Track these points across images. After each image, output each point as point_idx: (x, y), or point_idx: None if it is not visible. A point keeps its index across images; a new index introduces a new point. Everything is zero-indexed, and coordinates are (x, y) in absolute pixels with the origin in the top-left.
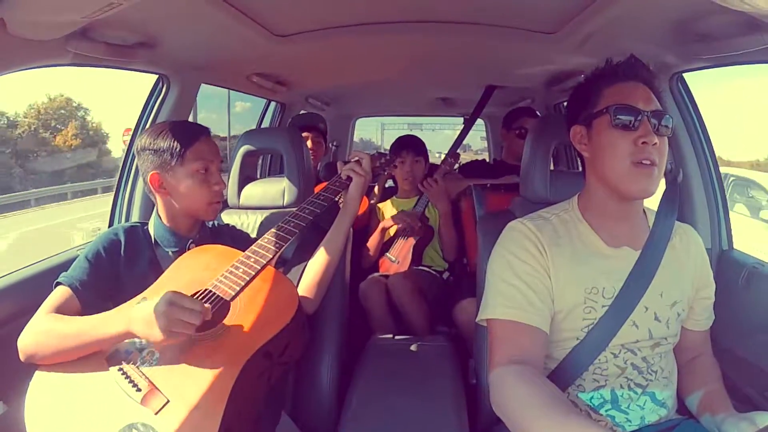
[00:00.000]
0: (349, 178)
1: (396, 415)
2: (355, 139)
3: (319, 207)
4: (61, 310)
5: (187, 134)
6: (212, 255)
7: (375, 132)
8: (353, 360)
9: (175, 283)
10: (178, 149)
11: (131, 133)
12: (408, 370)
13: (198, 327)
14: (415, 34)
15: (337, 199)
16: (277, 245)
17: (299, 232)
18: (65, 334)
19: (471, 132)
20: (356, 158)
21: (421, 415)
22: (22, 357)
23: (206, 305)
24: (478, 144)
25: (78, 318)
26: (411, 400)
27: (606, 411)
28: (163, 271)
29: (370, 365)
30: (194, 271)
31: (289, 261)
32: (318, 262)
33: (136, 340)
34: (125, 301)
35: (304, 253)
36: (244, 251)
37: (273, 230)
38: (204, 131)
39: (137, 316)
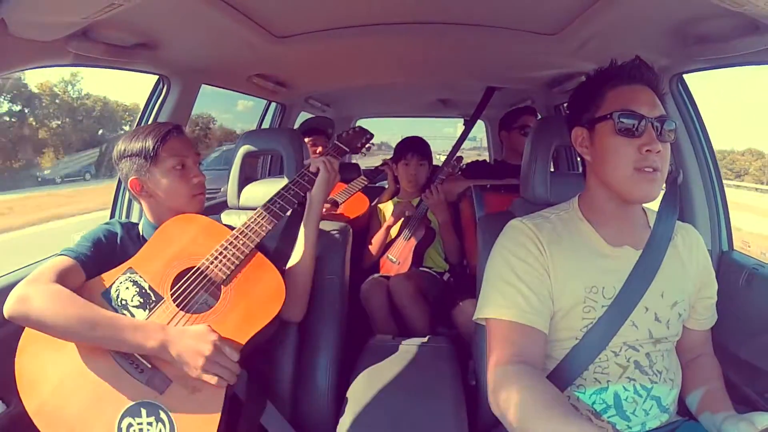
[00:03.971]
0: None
1: (395, 416)
2: (376, 141)
3: (303, 188)
4: (65, 278)
5: (157, 133)
6: (198, 228)
7: (390, 135)
8: (353, 360)
9: (161, 257)
10: (150, 150)
11: None
12: (407, 371)
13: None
14: (415, 36)
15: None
16: (265, 227)
17: (285, 215)
18: (85, 321)
19: None
20: (330, 155)
21: (420, 416)
22: (10, 311)
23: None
24: (467, 143)
25: (102, 310)
26: (410, 401)
27: (609, 417)
28: None
29: (369, 366)
30: (180, 244)
31: (271, 254)
32: (292, 275)
33: None
34: None
35: (286, 243)
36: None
37: (260, 210)
38: (174, 127)
39: (180, 342)
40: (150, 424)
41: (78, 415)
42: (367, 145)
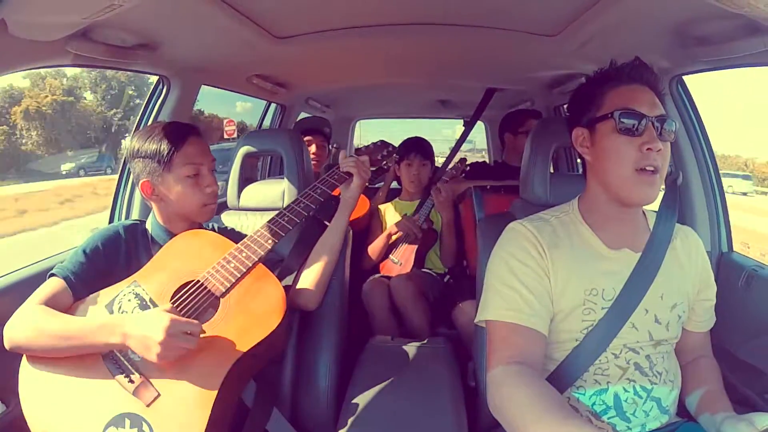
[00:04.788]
0: (350, 174)
1: (394, 416)
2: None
3: (315, 202)
4: (53, 301)
5: (173, 137)
6: (204, 242)
7: (389, 137)
8: (353, 361)
9: (166, 270)
10: (164, 155)
11: (233, 124)
12: (407, 372)
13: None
14: (415, 37)
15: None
16: (270, 241)
17: (293, 228)
18: (58, 335)
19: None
20: (361, 157)
21: (420, 416)
22: (7, 345)
23: (198, 326)
24: (464, 145)
25: (72, 320)
26: (410, 402)
27: (609, 418)
28: None
29: (369, 367)
30: (185, 258)
31: (287, 257)
32: (315, 261)
33: None
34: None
35: (302, 249)
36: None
37: (267, 224)
38: (192, 132)
39: (135, 333)
40: None
41: (67, 422)
42: (386, 158)
